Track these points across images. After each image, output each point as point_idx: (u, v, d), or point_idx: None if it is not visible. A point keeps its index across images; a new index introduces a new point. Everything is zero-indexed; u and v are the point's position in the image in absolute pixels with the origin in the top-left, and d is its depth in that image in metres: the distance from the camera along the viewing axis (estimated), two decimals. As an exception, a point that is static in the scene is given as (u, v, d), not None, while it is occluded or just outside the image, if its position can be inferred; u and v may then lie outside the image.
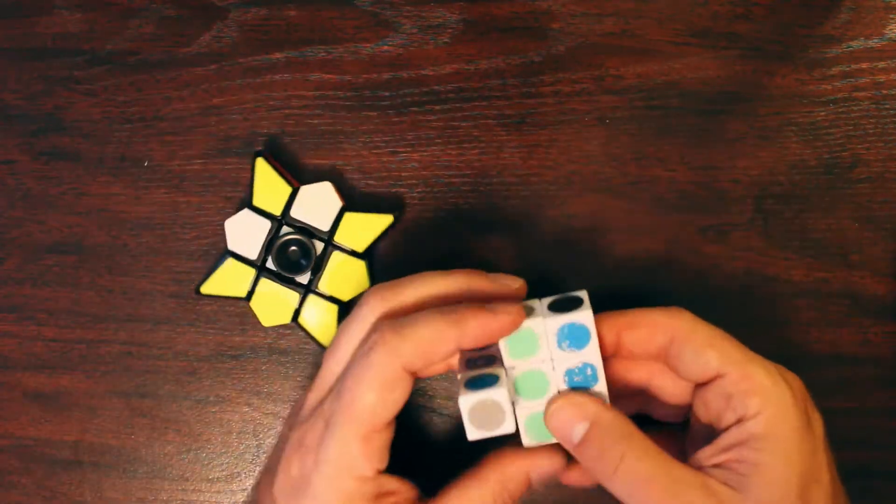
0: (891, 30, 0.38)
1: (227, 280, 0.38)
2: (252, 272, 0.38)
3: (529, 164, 0.39)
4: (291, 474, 0.31)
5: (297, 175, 0.39)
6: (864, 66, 0.38)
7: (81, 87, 0.41)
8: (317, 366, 0.40)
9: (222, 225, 0.39)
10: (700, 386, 0.32)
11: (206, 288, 0.39)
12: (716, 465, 0.29)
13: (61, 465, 0.41)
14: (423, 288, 0.32)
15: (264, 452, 0.40)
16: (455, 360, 0.33)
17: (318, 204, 0.38)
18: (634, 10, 0.39)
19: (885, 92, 0.38)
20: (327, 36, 0.40)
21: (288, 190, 0.38)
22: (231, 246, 0.38)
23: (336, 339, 0.32)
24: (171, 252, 0.40)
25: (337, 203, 0.38)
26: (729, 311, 0.38)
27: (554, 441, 0.32)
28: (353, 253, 0.38)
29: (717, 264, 0.38)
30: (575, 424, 0.30)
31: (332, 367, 0.32)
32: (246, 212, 0.38)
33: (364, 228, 0.38)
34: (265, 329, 0.40)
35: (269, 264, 0.38)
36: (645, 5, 0.39)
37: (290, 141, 0.40)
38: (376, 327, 0.31)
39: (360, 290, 0.38)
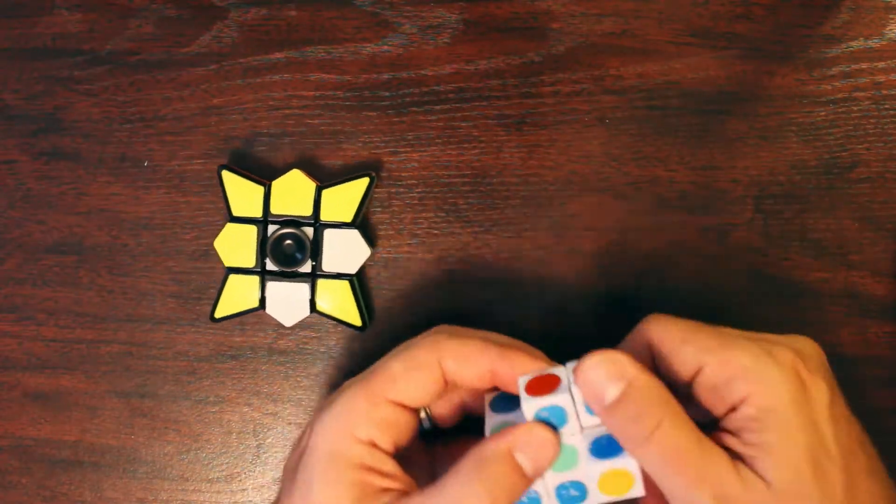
0: (891, 30, 0.38)
1: (237, 296, 0.39)
2: (256, 280, 0.38)
3: (529, 164, 0.39)
4: (300, 442, 0.32)
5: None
6: (864, 66, 0.38)
7: (81, 87, 0.41)
8: (317, 365, 0.40)
9: (222, 225, 0.39)
10: (689, 387, 0.30)
11: (220, 311, 0.39)
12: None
13: (61, 465, 0.41)
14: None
15: (264, 452, 0.40)
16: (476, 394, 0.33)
17: (293, 193, 0.38)
18: (634, 10, 0.39)
19: (885, 92, 0.38)
20: (327, 36, 0.40)
21: (260, 190, 0.38)
22: (227, 263, 0.38)
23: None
24: (171, 252, 0.40)
25: (311, 185, 0.38)
26: (729, 311, 0.38)
27: None
28: (343, 225, 0.38)
29: (717, 264, 0.38)
30: (611, 383, 0.28)
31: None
32: (229, 226, 0.38)
33: (345, 198, 0.38)
34: (265, 329, 0.40)
35: (270, 266, 0.38)
36: (645, 5, 0.39)
37: (290, 141, 0.40)
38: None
39: (363, 259, 0.38)
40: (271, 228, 0.38)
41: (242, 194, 0.38)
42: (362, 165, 0.40)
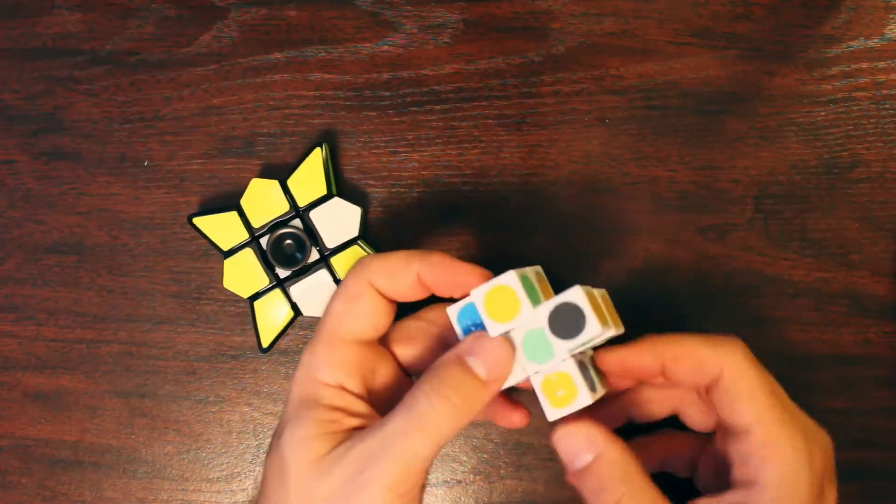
0: (891, 30, 0.38)
1: (271, 318, 0.39)
2: (278, 293, 0.39)
3: (529, 164, 0.39)
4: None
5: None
6: (864, 66, 0.38)
7: (81, 87, 0.41)
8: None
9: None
10: (729, 431, 0.31)
11: (265, 340, 0.39)
12: None
13: (61, 465, 0.41)
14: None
15: (264, 452, 0.40)
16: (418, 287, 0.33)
17: (263, 199, 0.38)
18: (634, 10, 0.39)
19: (885, 92, 0.38)
20: (327, 36, 0.40)
21: (234, 215, 0.38)
22: (245, 294, 0.39)
23: None
24: (171, 252, 0.40)
25: (274, 184, 0.38)
26: (729, 311, 0.38)
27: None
28: (322, 199, 0.38)
29: (717, 264, 0.38)
30: (582, 452, 0.30)
31: None
32: (227, 262, 0.38)
33: (309, 177, 0.38)
34: (265, 329, 0.40)
35: (282, 273, 0.38)
36: (645, 5, 0.39)
37: (290, 141, 0.40)
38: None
39: (357, 218, 0.38)
40: (263, 241, 0.38)
41: (221, 228, 0.39)
42: (347, 163, 0.40)
